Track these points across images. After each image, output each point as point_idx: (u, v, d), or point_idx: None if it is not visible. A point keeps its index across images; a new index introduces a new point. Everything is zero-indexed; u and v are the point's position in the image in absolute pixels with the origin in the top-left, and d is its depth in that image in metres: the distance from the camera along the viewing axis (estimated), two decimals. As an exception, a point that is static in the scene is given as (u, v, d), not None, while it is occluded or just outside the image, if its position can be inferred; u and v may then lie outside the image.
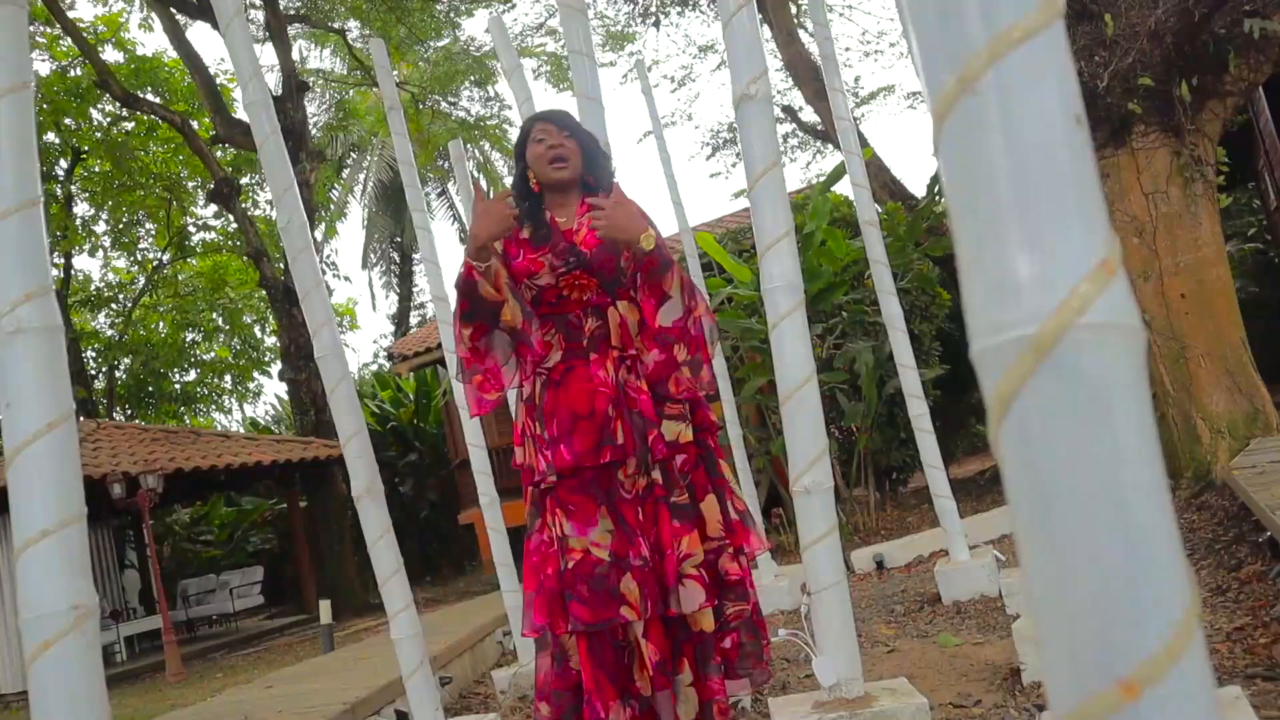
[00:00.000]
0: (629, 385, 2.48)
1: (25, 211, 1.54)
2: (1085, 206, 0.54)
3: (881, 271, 4.64)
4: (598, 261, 2.52)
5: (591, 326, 2.50)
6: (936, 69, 0.58)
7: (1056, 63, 0.55)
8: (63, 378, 1.52)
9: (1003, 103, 0.55)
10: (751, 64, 2.40)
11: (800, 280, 2.33)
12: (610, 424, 2.42)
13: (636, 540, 2.39)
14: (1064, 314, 0.52)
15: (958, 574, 4.52)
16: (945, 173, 0.58)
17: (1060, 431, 0.53)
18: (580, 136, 2.61)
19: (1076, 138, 0.55)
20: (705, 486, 2.50)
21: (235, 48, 3.09)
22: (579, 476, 2.44)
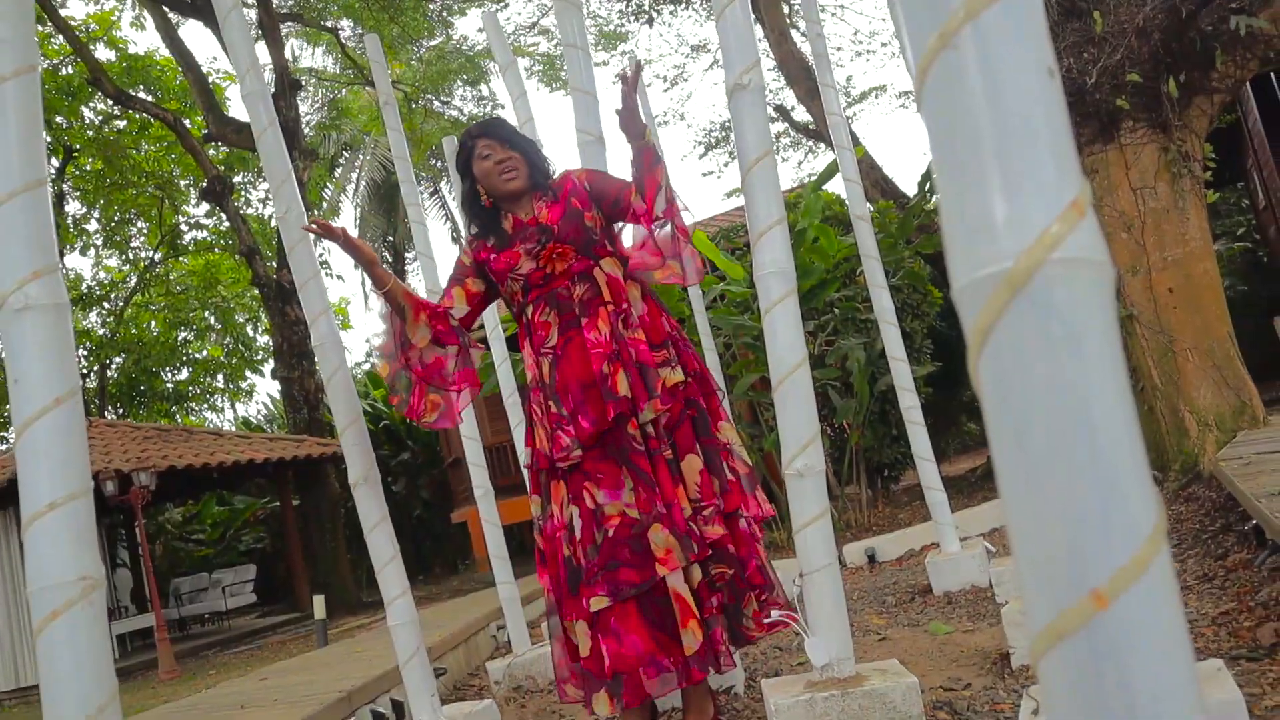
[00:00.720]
0: (626, 339, 2.53)
1: (32, 192, 1.56)
2: (1057, 152, 0.58)
3: (873, 266, 4.68)
4: (566, 230, 2.60)
5: (580, 291, 2.57)
6: (918, 26, 0.61)
7: (1030, 19, 0.59)
8: (69, 354, 1.55)
9: (980, 56, 0.58)
10: (744, 55, 2.44)
11: (792, 266, 2.37)
12: (608, 380, 2.48)
13: (654, 490, 2.45)
14: (1037, 250, 0.56)
15: (948, 565, 4.56)
16: (928, 124, 0.61)
17: (1034, 360, 0.56)
18: (520, 144, 2.69)
19: (1050, 89, 0.59)
20: (689, 447, 2.54)
21: (233, 41, 3.12)
22: (601, 445, 2.49)
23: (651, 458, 2.49)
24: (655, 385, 2.50)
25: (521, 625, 4.62)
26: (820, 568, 2.36)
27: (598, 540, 2.47)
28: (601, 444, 2.50)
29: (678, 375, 2.55)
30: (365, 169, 22.12)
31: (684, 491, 2.50)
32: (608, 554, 2.46)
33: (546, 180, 2.72)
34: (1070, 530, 0.56)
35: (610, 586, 2.42)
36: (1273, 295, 13.08)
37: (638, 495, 2.45)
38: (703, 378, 2.68)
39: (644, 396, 2.50)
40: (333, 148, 21.39)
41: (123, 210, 18.17)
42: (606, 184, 2.69)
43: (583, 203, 2.64)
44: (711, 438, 2.60)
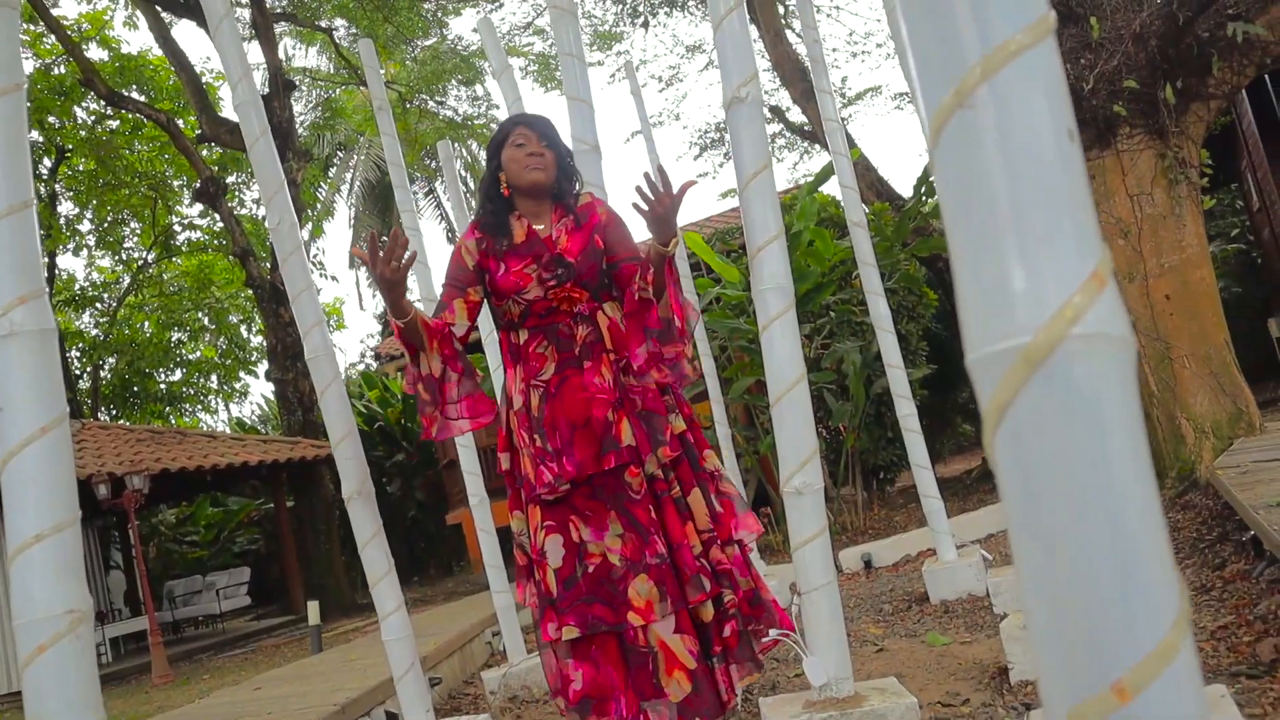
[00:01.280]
0: (630, 387, 2.50)
1: (18, 214, 1.54)
2: (1077, 218, 0.56)
3: (870, 273, 4.66)
4: (584, 269, 2.54)
5: (583, 334, 2.52)
6: (933, 83, 0.59)
7: (1049, 78, 0.57)
8: (56, 381, 1.52)
9: (997, 117, 0.56)
10: (742, 67, 2.42)
11: (790, 282, 2.35)
12: (612, 429, 2.45)
13: (652, 539, 2.42)
14: (1056, 325, 0.53)
15: (945, 574, 4.55)
16: (941, 185, 0.59)
17: (1053, 438, 0.54)
18: (558, 147, 2.63)
19: (1069, 151, 0.56)
20: (690, 481, 2.53)
21: (225, 49, 3.08)
22: (589, 484, 2.47)
23: (658, 500, 2.46)
24: (664, 432, 2.48)
25: (517, 634, 4.59)
26: (819, 586, 2.34)
27: (577, 574, 2.45)
28: (591, 484, 2.46)
29: (679, 424, 2.55)
30: (360, 169, 22.05)
31: (693, 527, 2.47)
32: (586, 588, 2.43)
33: (570, 193, 2.65)
34: (1090, 617, 0.53)
35: (580, 618, 2.40)
36: (1266, 297, 13.11)
37: (624, 541, 2.43)
38: (689, 414, 2.66)
39: (648, 446, 2.47)
40: (327, 147, 21.32)
41: (115, 210, 18.09)
42: (621, 244, 2.61)
43: (604, 242, 2.59)
44: (701, 470, 2.59)
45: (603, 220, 2.64)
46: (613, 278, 2.62)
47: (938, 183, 0.59)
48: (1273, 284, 12.79)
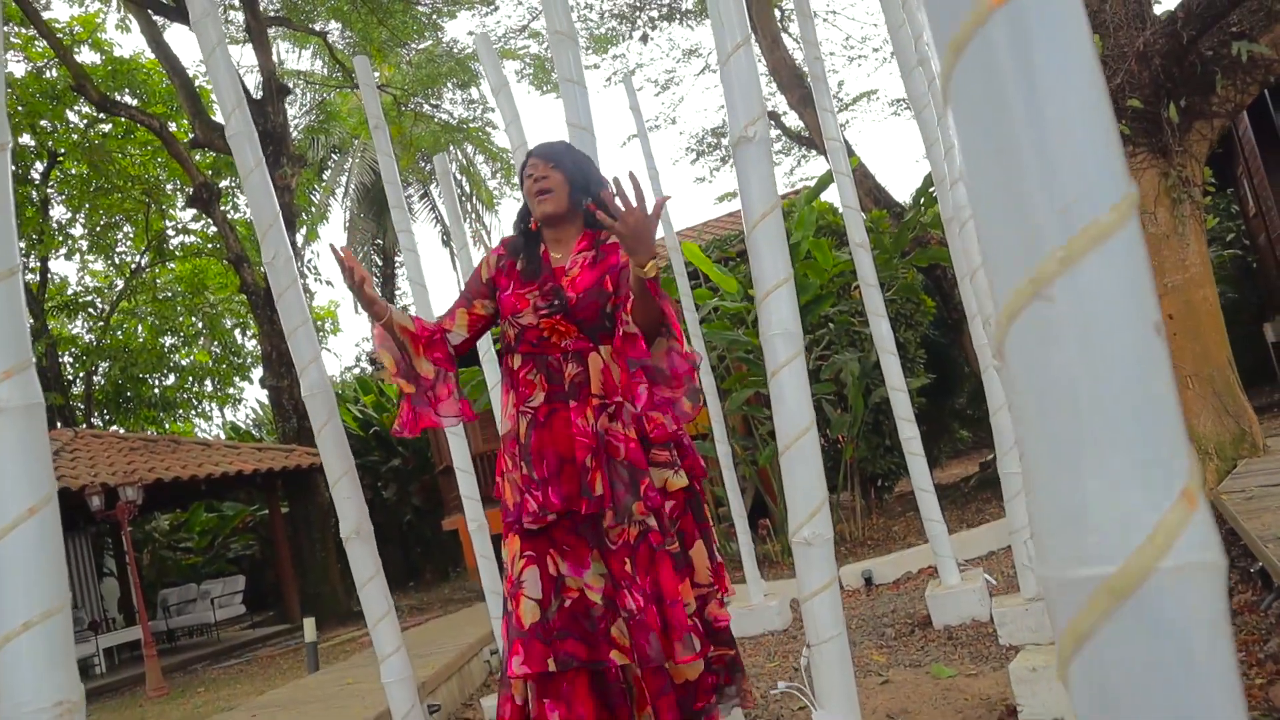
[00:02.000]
0: (611, 434, 2.44)
1: (4, 282, 1.48)
2: (1164, 428, 0.51)
3: (872, 294, 4.62)
4: (581, 308, 2.48)
5: (571, 372, 2.47)
6: (1004, 265, 0.54)
7: (1134, 265, 0.52)
8: (44, 458, 1.46)
9: (1077, 310, 0.51)
10: (749, 106, 2.36)
11: (799, 328, 2.29)
12: (588, 475, 2.40)
13: (621, 593, 2.37)
14: (1144, 556, 0.48)
15: (949, 598, 4.51)
16: (1012, 378, 0.54)
17: (1137, 675, 0.49)
18: (566, 166, 2.56)
19: (1156, 350, 0.51)
20: (693, 534, 2.48)
21: (218, 77, 3.02)
22: (572, 518, 2.42)
23: (653, 553, 2.40)
24: (641, 486, 2.39)
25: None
26: (829, 639, 2.29)
27: (552, 608, 2.39)
28: (573, 519, 2.42)
29: (680, 480, 2.46)
30: (354, 172, 21.96)
31: (690, 582, 2.42)
32: (562, 624, 2.38)
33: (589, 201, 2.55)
34: None
35: (556, 653, 2.35)
36: (1261, 302, 13.10)
37: (606, 581, 2.39)
38: (695, 463, 2.59)
39: (625, 496, 2.40)
40: (321, 150, 21.21)
41: (109, 215, 17.98)
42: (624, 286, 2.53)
43: (614, 285, 2.50)
44: (704, 521, 2.54)
45: (622, 263, 2.55)
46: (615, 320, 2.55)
47: (1008, 374, 0.54)
48: (1268, 289, 12.78)
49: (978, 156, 0.55)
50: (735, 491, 5.93)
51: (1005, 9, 0.53)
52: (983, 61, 0.54)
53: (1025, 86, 0.53)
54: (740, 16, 2.43)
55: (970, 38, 0.54)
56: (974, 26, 0.54)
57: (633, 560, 2.39)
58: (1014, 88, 0.53)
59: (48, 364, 16.82)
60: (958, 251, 3.63)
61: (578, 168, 2.59)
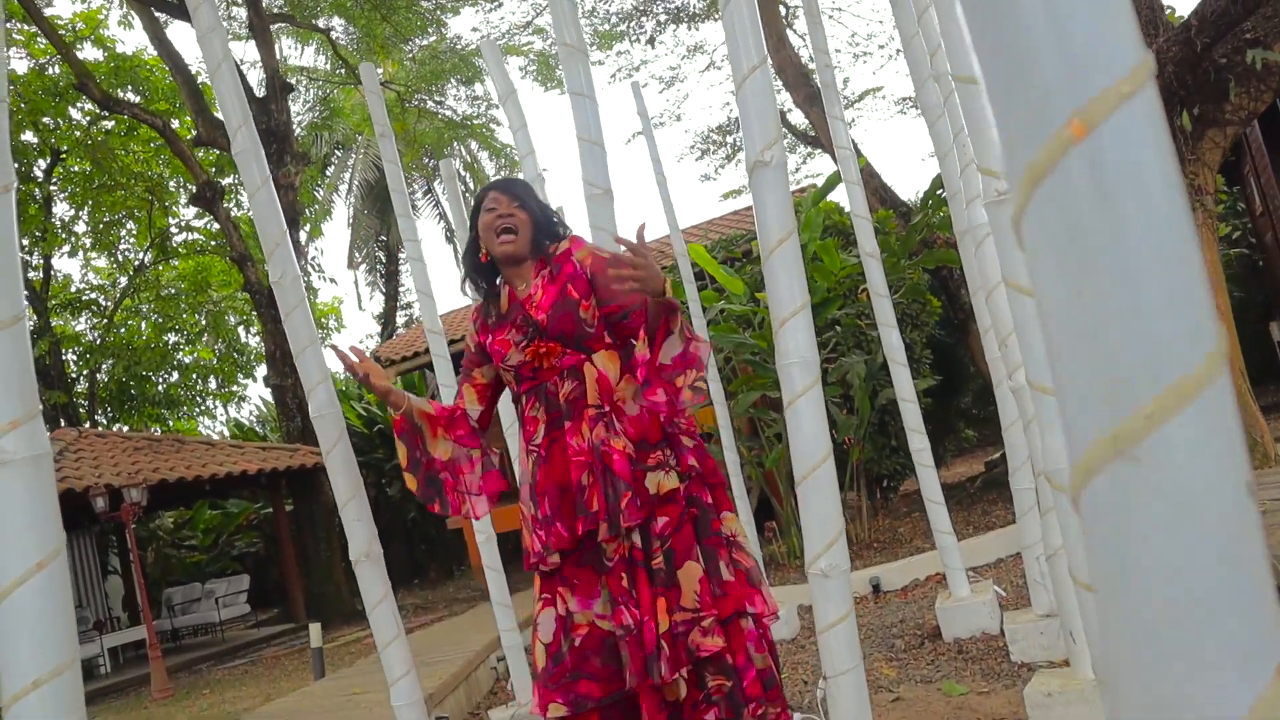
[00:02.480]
0: (605, 445, 2.40)
1: (8, 330, 1.45)
2: (1259, 599, 0.47)
3: (883, 305, 4.59)
4: (553, 324, 2.46)
5: (567, 390, 2.44)
6: (1082, 412, 0.50)
7: (1227, 421, 0.48)
8: (52, 509, 1.43)
9: (1165, 474, 0.47)
10: (765, 130, 2.32)
11: (816, 355, 2.26)
12: (585, 493, 2.37)
13: (618, 610, 2.34)
14: (1243, 747, 0.45)
15: (959, 611, 4.48)
16: (1091, 545, 0.50)
17: None
18: (531, 206, 2.56)
19: (1248, 512, 0.48)
20: (687, 553, 2.39)
21: (223, 92, 2.98)
22: (580, 550, 2.40)
23: (632, 568, 2.36)
24: (622, 500, 2.34)
25: (524, 672, 4.52)
26: (845, 671, 2.25)
27: (564, 649, 2.37)
28: (580, 550, 2.40)
29: (671, 481, 2.39)
30: (358, 168, 21.91)
31: (667, 604, 2.33)
32: (574, 663, 2.36)
33: (549, 251, 2.57)
34: None
35: (568, 696, 2.33)
36: (1268, 301, 13.04)
37: (612, 607, 2.36)
38: (706, 470, 2.53)
39: (615, 509, 2.37)
40: (325, 146, 21.16)
41: (112, 212, 17.94)
42: (611, 290, 2.48)
43: (580, 291, 2.47)
44: (714, 535, 2.47)
45: (579, 267, 2.52)
46: (615, 328, 2.52)
47: (1087, 542, 0.51)
48: (1274, 288, 12.73)
49: (1055, 295, 0.51)
50: (742, 493, 5.91)
51: (1087, 143, 0.50)
52: (1061, 197, 0.50)
53: (1108, 228, 0.49)
54: (757, 39, 2.40)
55: (1048, 171, 0.51)
56: (1053, 159, 0.51)
57: (627, 576, 2.36)
58: (1095, 228, 0.49)
59: (51, 362, 16.81)
60: (971, 266, 3.59)
61: (542, 210, 2.59)
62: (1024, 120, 0.52)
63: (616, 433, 2.41)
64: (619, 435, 2.41)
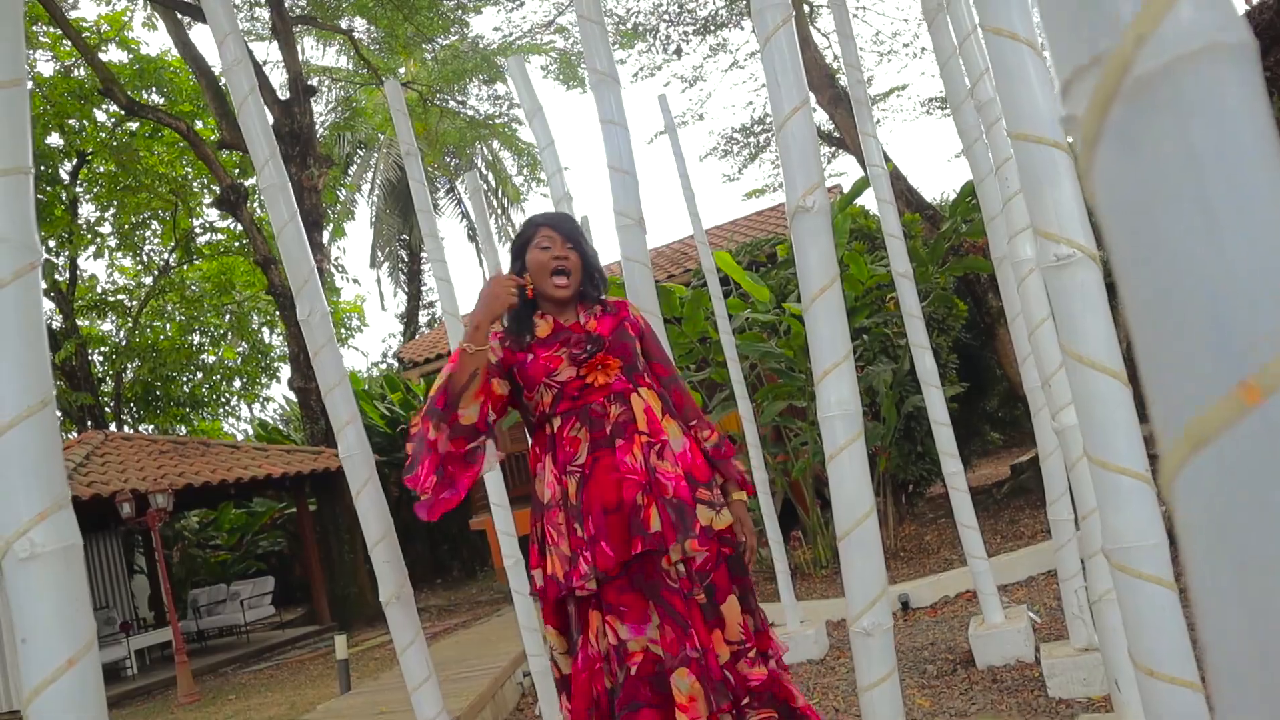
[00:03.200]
0: (659, 471, 2.39)
1: (37, 415, 1.40)
2: None
3: (915, 325, 4.51)
4: (615, 346, 2.47)
5: (616, 413, 2.43)
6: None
7: None
8: (83, 603, 1.39)
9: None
10: (808, 174, 2.25)
11: (859, 407, 2.19)
12: (641, 513, 2.34)
13: (690, 631, 2.31)
14: None
15: (993, 638, 4.40)
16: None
17: None
18: (583, 249, 2.55)
19: None
20: (726, 588, 2.40)
21: (251, 127, 2.94)
22: (626, 574, 2.35)
23: (685, 599, 2.33)
24: (693, 525, 2.35)
25: (552, 696, 4.48)
26: (888, 732, 2.20)
27: (620, 678, 2.33)
28: (627, 574, 2.36)
29: (724, 519, 2.40)
30: (380, 168, 21.92)
31: (721, 635, 2.36)
32: (629, 694, 2.32)
33: (597, 295, 2.58)
34: None
35: None
36: None
37: (663, 633, 2.33)
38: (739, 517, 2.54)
39: (673, 535, 2.34)
40: (347, 146, 21.19)
41: (136, 213, 18.04)
42: (659, 355, 2.63)
43: (635, 333, 2.54)
44: (746, 576, 2.47)
45: (633, 316, 2.59)
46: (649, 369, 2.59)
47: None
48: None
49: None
50: (768, 499, 5.82)
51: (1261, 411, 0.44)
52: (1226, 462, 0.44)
53: None
54: (798, 79, 2.33)
55: (1214, 436, 0.44)
56: (1222, 425, 0.44)
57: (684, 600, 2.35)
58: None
59: (77, 363, 16.93)
60: (1011, 294, 3.51)
61: (591, 254, 2.59)
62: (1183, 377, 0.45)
63: (673, 462, 2.41)
64: (675, 464, 2.41)
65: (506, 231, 23.46)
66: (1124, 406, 1.67)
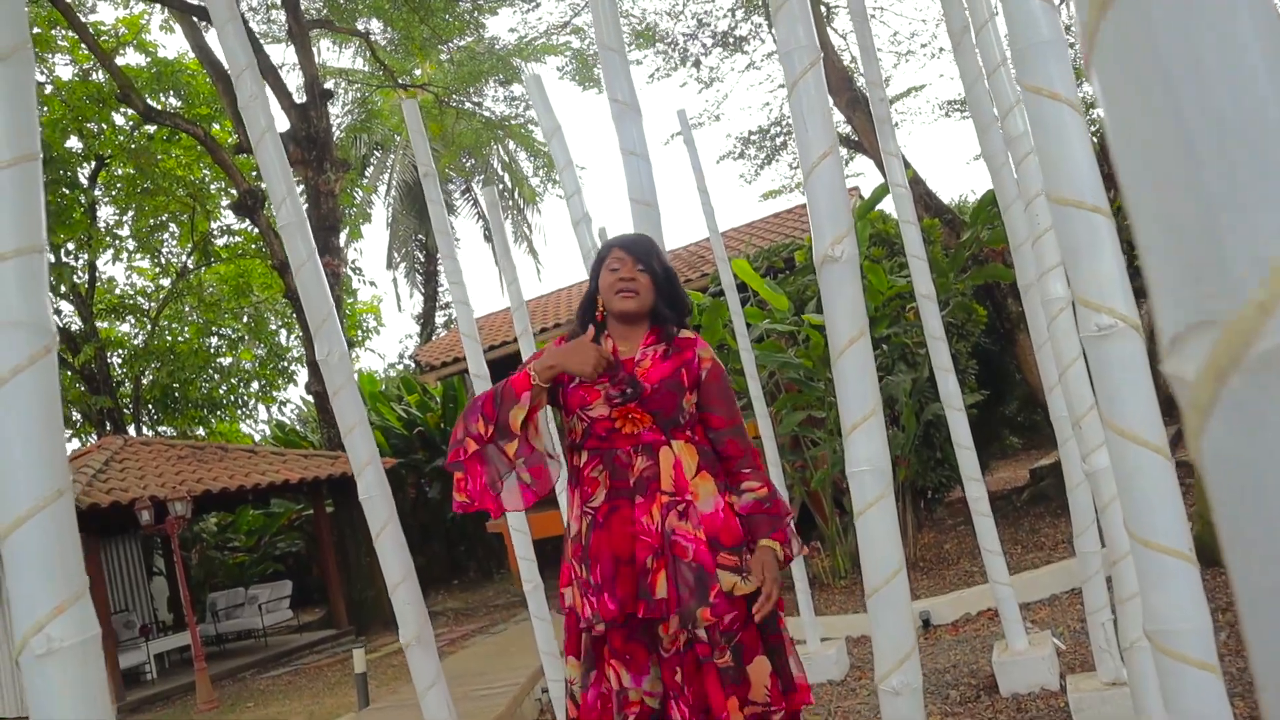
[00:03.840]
0: (679, 532, 2.35)
1: (53, 507, 1.37)
2: None
3: (939, 348, 4.46)
4: (656, 398, 2.41)
5: (641, 466, 2.39)
6: None
7: None
8: (102, 700, 1.36)
9: None
10: (836, 222, 2.20)
11: (889, 462, 2.14)
12: (649, 576, 2.32)
13: (669, 704, 2.32)
14: None
15: (1017, 665, 4.34)
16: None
17: None
18: (654, 269, 2.50)
19: None
20: (755, 648, 2.37)
21: (268, 164, 2.92)
22: (629, 624, 2.35)
23: (699, 665, 2.33)
24: (710, 591, 2.30)
25: None
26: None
27: None
28: (631, 625, 2.36)
29: (746, 588, 2.34)
30: (396, 169, 21.93)
31: (737, 702, 2.32)
32: None
33: (670, 321, 2.52)
34: None
35: None
36: None
37: (660, 689, 2.35)
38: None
39: (688, 600, 2.31)
40: (363, 148, 21.20)
41: (155, 215, 18.10)
42: (716, 402, 2.49)
43: (689, 381, 2.45)
44: (779, 633, 2.43)
45: (696, 362, 2.49)
46: (699, 416, 2.50)
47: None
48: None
49: None
50: None
51: None
52: None
53: None
54: (826, 123, 2.28)
55: None
56: None
57: (681, 669, 2.33)
58: None
59: (97, 366, 17.02)
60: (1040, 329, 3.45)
61: (666, 278, 2.52)
62: None
63: (696, 524, 2.36)
64: (698, 526, 2.36)
65: (523, 232, 23.49)
66: (1167, 482, 1.62)
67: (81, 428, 18.42)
